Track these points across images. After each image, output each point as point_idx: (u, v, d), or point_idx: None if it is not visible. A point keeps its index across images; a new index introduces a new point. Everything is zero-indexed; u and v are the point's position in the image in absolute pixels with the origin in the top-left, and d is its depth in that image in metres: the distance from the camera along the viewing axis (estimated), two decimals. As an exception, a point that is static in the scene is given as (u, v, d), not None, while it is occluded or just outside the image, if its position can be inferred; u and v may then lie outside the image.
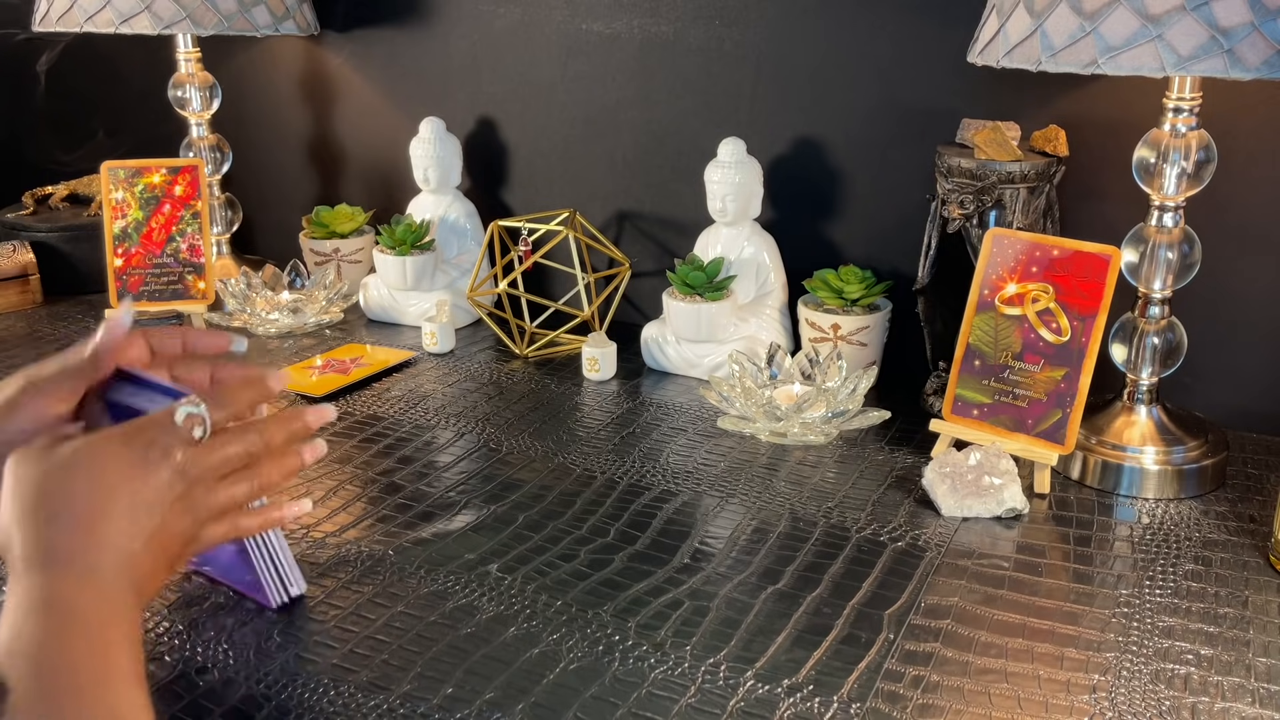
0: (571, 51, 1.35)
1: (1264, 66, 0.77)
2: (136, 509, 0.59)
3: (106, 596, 0.56)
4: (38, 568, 0.56)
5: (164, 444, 0.61)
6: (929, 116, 1.16)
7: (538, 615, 0.76)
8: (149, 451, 0.60)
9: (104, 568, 0.57)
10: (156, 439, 0.61)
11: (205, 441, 0.63)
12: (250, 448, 0.65)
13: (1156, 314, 0.96)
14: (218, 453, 0.63)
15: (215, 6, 1.32)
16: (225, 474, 0.64)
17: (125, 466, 0.59)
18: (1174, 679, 0.69)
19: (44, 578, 0.55)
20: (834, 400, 1.04)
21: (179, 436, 0.61)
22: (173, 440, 0.61)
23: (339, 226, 1.48)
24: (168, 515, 0.60)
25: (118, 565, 0.58)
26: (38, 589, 0.55)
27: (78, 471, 0.58)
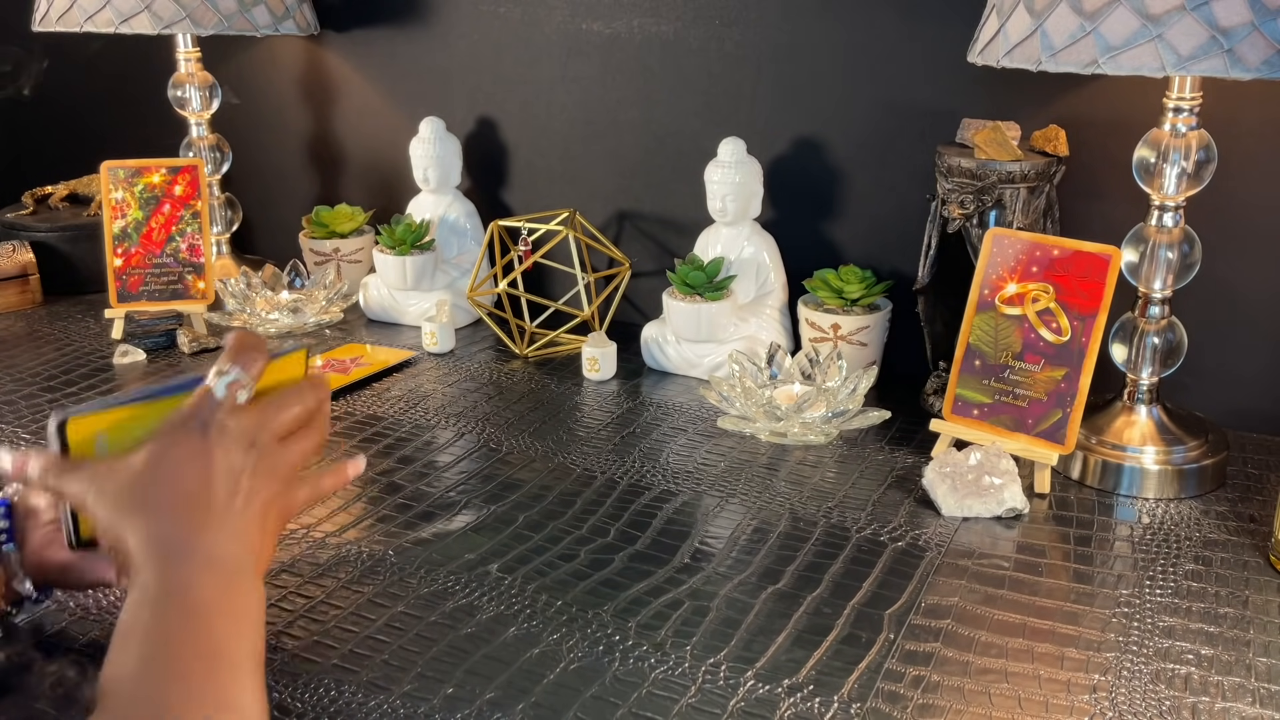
0: (571, 51, 1.35)
1: (1264, 66, 0.77)
2: (225, 487, 0.60)
3: (226, 578, 0.57)
4: (154, 558, 0.57)
5: (217, 420, 0.61)
6: (929, 116, 1.15)
7: (538, 615, 0.76)
8: (206, 432, 0.61)
9: (219, 549, 0.58)
10: (207, 418, 0.61)
11: (259, 408, 0.63)
12: (305, 404, 0.65)
13: (1156, 314, 0.95)
14: (275, 416, 0.63)
15: (215, 6, 1.32)
16: (286, 435, 0.64)
17: (195, 453, 0.60)
18: (1174, 679, 0.69)
19: (162, 567, 0.56)
20: (834, 400, 1.04)
21: (226, 408, 0.62)
22: (223, 414, 0.61)
23: (339, 226, 1.47)
24: (254, 484, 0.61)
25: (230, 543, 0.59)
26: (156, 580, 0.56)
27: (156, 468, 0.59)
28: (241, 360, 0.63)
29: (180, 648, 0.53)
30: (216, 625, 0.55)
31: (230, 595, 0.57)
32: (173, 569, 0.56)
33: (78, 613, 0.76)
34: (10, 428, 1.06)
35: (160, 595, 0.55)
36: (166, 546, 0.57)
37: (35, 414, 1.09)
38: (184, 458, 0.60)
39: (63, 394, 1.15)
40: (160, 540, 0.57)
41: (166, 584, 0.56)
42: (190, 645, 0.54)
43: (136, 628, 0.54)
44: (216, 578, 0.57)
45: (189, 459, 0.60)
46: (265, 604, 0.60)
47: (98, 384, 1.18)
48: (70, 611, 0.76)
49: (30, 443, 1.03)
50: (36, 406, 1.11)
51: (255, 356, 0.63)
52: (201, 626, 0.55)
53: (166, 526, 0.58)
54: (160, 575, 0.56)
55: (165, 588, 0.56)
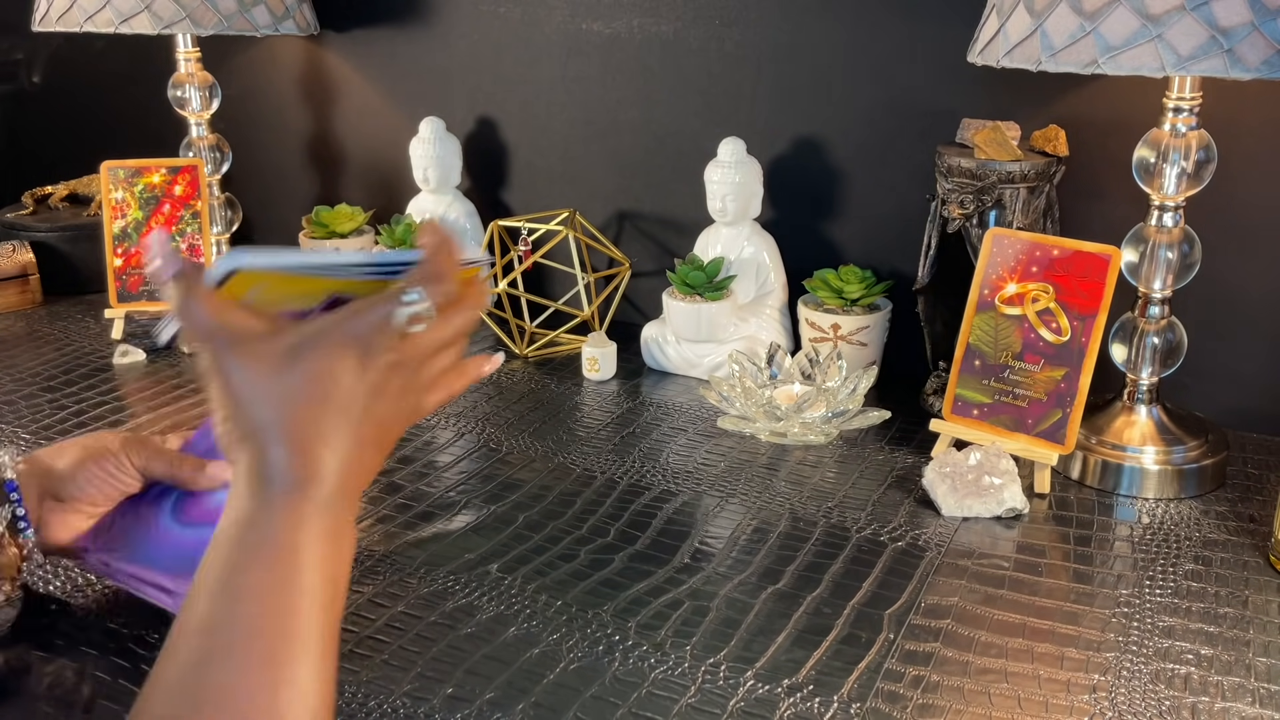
0: (571, 51, 1.35)
1: (1264, 66, 0.77)
2: (361, 418, 0.56)
3: (324, 526, 0.54)
4: (258, 492, 0.54)
5: (384, 345, 0.57)
6: (929, 116, 1.15)
7: (538, 615, 0.76)
8: (369, 356, 0.56)
9: (325, 493, 0.54)
10: (377, 341, 0.57)
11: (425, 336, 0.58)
12: (466, 327, 0.61)
13: (1156, 314, 0.95)
14: (434, 337, 0.59)
15: (215, 6, 1.32)
16: (438, 351, 0.60)
17: (349, 379, 0.56)
18: (1174, 679, 0.69)
19: (264, 505, 0.53)
20: (834, 400, 1.04)
21: (398, 334, 0.57)
22: (393, 340, 0.57)
23: (339, 226, 1.47)
24: (390, 405, 0.57)
25: (338, 485, 0.55)
26: (255, 517, 0.53)
27: (297, 386, 0.55)
28: (434, 289, 0.58)
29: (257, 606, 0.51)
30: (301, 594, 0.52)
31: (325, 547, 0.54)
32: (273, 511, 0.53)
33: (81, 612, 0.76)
34: (10, 428, 1.06)
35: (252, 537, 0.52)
36: (277, 480, 0.54)
37: (35, 414, 1.09)
38: (333, 379, 0.55)
39: (63, 394, 1.15)
40: (272, 470, 0.54)
41: (261, 527, 0.53)
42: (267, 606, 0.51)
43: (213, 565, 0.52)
44: (317, 530, 0.54)
45: (339, 383, 0.55)
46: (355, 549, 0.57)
47: (98, 384, 1.18)
48: (71, 614, 0.76)
49: (30, 443, 1.03)
50: (36, 406, 1.11)
51: (447, 288, 0.59)
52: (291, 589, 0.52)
53: (284, 457, 0.54)
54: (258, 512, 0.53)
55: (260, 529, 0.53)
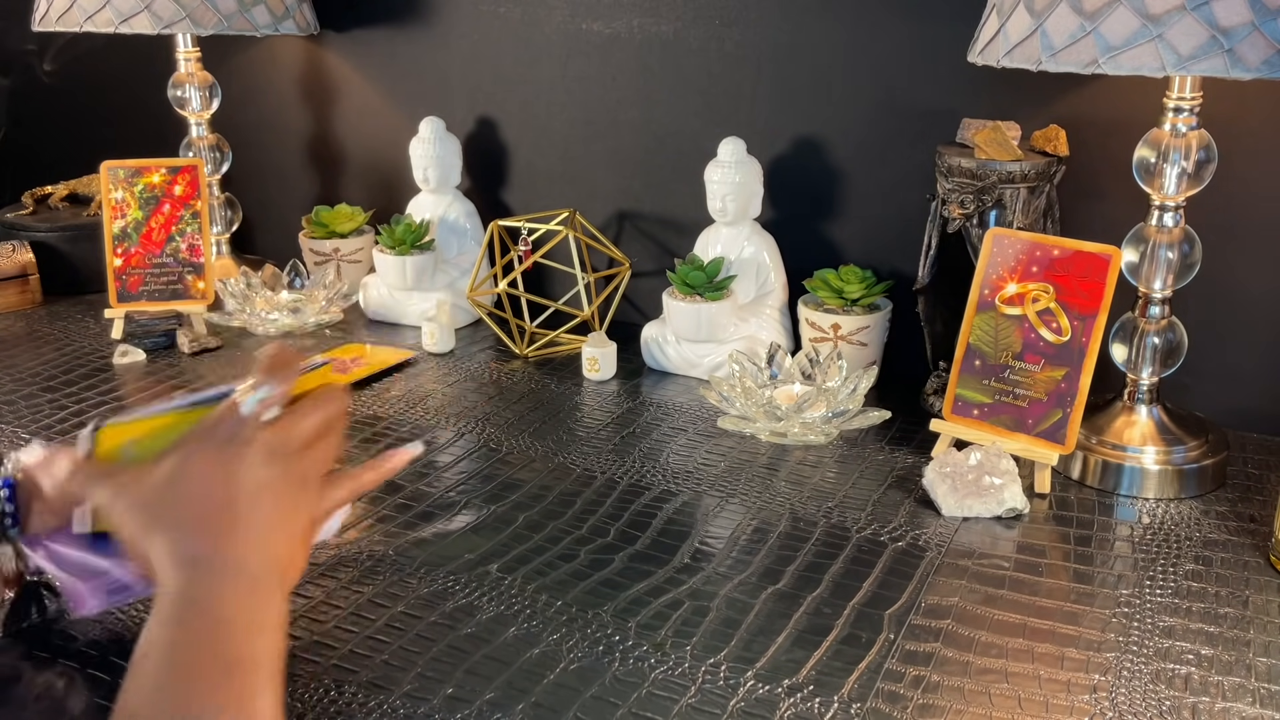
0: (571, 51, 1.35)
1: (1264, 66, 0.77)
2: (246, 497, 0.59)
3: (248, 589, 0.57)
4: (179, 570, 0.57)
5: (242, 434, 0.61)
6: (929, 116, 1.15)
7: (538, 615, 0.76)
8: (231, 445, 0.60)
9: (250, 563, 0.58)
10: (234, 432, 0.61)
11: (281, 419, 0.62)
12: (326, 412, 0.64)
13: (1157, 314, 0.95)
14: (297, 425, 0.62)
15: (215, 6, 1.32)
16: (309, 443, 0.63)
17: (219, 465, 0.60)
18: (1174, 679, 0.69)
19: (186, 579, 0.57)
20: (834, 400, 1.04)
21: (253, 423, 0.61)
22: (249, 428, 0.61)
23: (339, 226, 1.47)
24: (281, 496, 0.61)
25: (254, 554, 0.58)
26: (179, 592, 0.56)
27: (180, 480, 0.60)
28: (273, 378, 0.63)
29: (199, 659, 0.54)
30: (238, 637, 0.55)
31: (252, 605, 0.57)
32: (196, 580, 0.57)
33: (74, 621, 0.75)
34: (10, 428, 1.06)
35: (184, 605, 0.56)
36: (190, 559, 0.57)
37: (35, 414, 1.09)
38: (208, 470, 0.60)
39: (63, 394, 1.15)
40: (184, 553, 0.58)
41: (189, 595, 0.56)
42: (210, 657, 0.54)
43: (157, 641, 0.55)
44: (237, 588, 0.57)
45: (213, 471, 0.60)
46: (289, 614, 0.61)
47: (98, 384, 1.18)
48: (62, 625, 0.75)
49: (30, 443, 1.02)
50: (36, 406, 1.11)
51: (286, 374, 0.63)
52: (223, 635, 0.55)
53: (190, 539, 0.58)
54: (184, 587, 0.56)
55: (188, 598, 0.56)
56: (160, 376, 1.20)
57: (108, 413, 1.10)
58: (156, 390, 1.16)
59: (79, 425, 1.07)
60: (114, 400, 1.14)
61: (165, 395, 0.69)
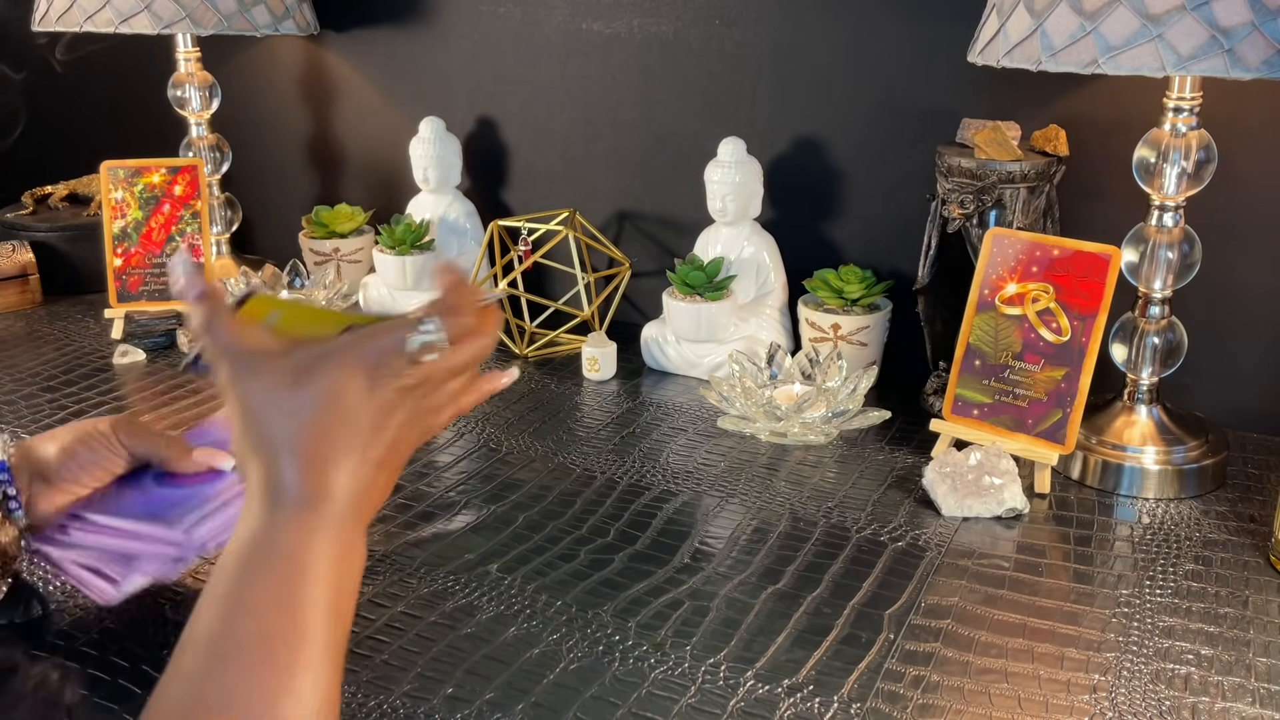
0: (571, 51, 1.35)
1: (1264, 66, 0.77)
2: (370, 438, 0.57)
3: (333, 541, 0.55)
4: (268, 508, 0.55)
5: (395, 369, 0.58)
6: (929, 116, 1.15)
7: (538, 615, 0.76)
8: (379, 379, 0.57)
9: (335, 510, 0.56)
10: (387, 365, 0.58)
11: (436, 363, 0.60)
12: (479, 355, 0.62)
13: (1156, 314, 0.95)
14: (446, 365, 0.60)
15: (215, 6, 1.32)
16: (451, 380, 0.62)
17: (358, 399, 0.57)
18: (1174, 679, 0.69)
19: (274, 519, 0.55)
20: (834, 400, 1.04)
21: (410, 360, 0.58)
22: (403, 365, 0.58)
23: (339, 226, 1.47)
24: (400, 427, 0.59)
25: (348, 502, 0.56)
26: (265, 530, 0.54)
27: (308, 403, 0.56)
28: (449, 321, 0.59)
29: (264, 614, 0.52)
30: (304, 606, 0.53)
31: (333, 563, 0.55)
32: (283, 524, 0.54)
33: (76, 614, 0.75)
34: (10, 428, 1.06)
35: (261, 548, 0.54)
36: (287, 495, 0.55)
37: (35, 414, 1.09)
38: (342, 397, 0.56)
39: (63, 394, 1.15)
40: (281, 486, 0.55)
41: (272, 538, 0.54)
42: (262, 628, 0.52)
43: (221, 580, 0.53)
44: (326, 546, 0.55)
45: (347, 402, 0.56)
46: (365, 565, 0.58)
47: (98, 384, 1.18)
48: (69, 612, 0.76)
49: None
50: (36, 406, 1.11)
51: (462, 322, 0.60)
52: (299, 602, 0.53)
53: (294, 472, 0.55)
54: (269, 526, 0.54)
55: (268, 541, 0.54)
56: (160, 376, 1.20)
57: (107, 413, 1.10)
58: (157, 390, 1.16)
59: (79, 425, 1.07)
60: (114, 400, 1.14)
61: None
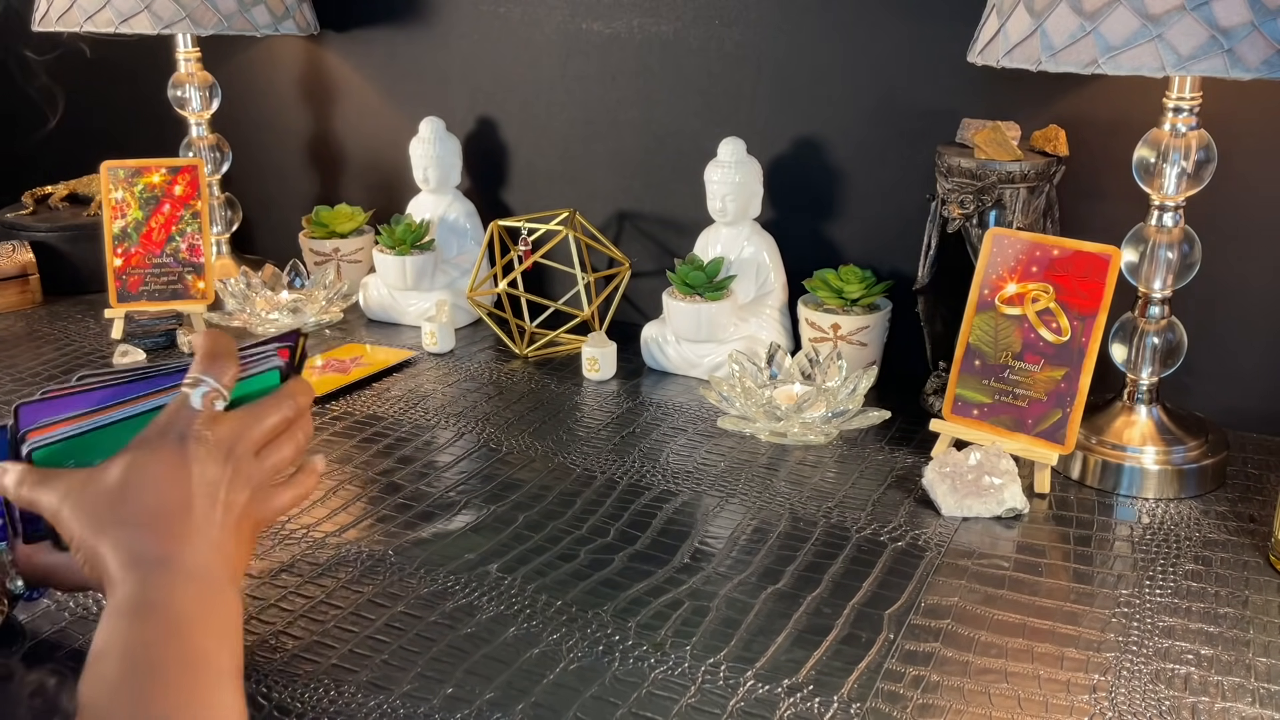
0: (571, 51, 1.35)
1: (1264, 66, 0.77)
2: (204, 500, 0.59)
3: (206, 590, 0.57)
4: (133, 572, 0.56)
5: (194, 431, 0.61)
6: (929, 116, 1.15)
7: (538, 615, 0.76)
8: (184, 443, 0.60)
9: (198, 561, 0.58)
10: (185, 428, 0.61)
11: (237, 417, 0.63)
12: (284, 413, 0.65)
13: (1156, 314, 0.95)
14: (253, 425, 0.63)
15: (215, 6, 1.32)
16: (265, 443, 0.64)
17: (172, 466, 0.59)
18: (1174, 679, 0.69)
19: (141, 580, 0.56)
20: (834, 400, 1.04)
21: (204, 417, 0.61)
22: (200, 422, 0.61)
23: (339, 226, 1.47)
24: (231, 495, 0.61)
25: (209, 555, 0.58)
26: (135, 593, 0.56)
27: (133, 481, 0.59)
28: (214, 368, 0.63)
29: (161, 658, 0.53)
30: (197, 636, 0.55)
31: (210, 606, 0.57)
32: (152, 581, 0.56)
33: (79, 612, 0.76)
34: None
35: (139, 608, 0.55)
36: (145, 560, 0.57)
37: (35, 414, 1.09)
38: (161, 471, 0.59)
39: (63, 394, 1.15)
40: (138, 554, 0.57)
41: (145, 596, 0.55)
42: (171, 656, 0.53)
43: (114, 641, 0.54)
44: (196, 589, 0.57)
45: (166, 472, 0.59)
46: (243, 614, 0.60)
47: (98, 384, 1.18)
48: (71, 611, 0.76)
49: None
50: (36, 406, 1.11)
51: (226, 363, 0.63)
52: (182, 636, 0.54)
53: (145, 540, 0.57)
54: (139, 588, 0.56)
55: (144, 600, 0.55)
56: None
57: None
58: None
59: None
60: (114, 400, 1.14)
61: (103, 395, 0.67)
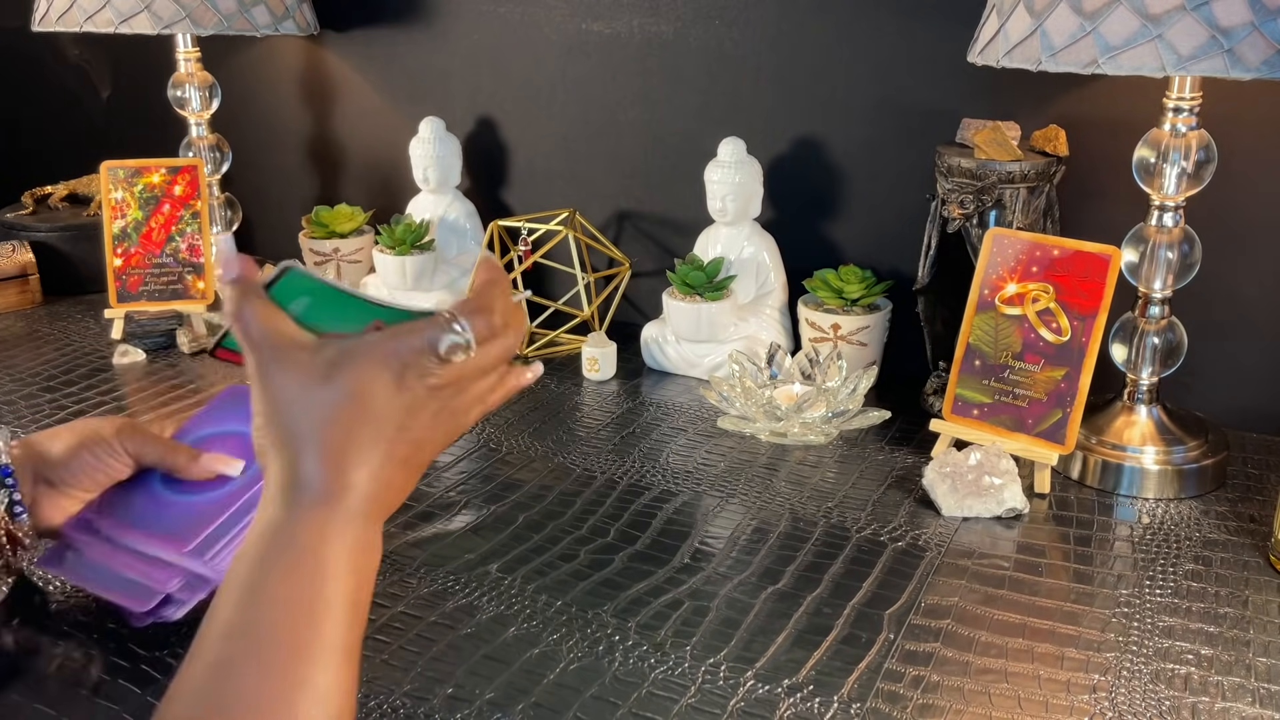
0: (571, 51, 1.35)
1: (1264, 66, 0.77)
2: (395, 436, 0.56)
3: (351, 538, 0.55)
4: (288, 502, 0.54)
5: (423, 368, 0.57)
6: (929, 116, 1.15)
7: (538, 615, 0.76)
8: (407, 378, 0.56)
9: (354, 507, 0.55)
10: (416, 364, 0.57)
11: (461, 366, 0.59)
12: (506, 355, 0.61)
13: (1156, 314, 0.95)
14: (474, 364, 0.59)
15: (215, 6, 1.32)
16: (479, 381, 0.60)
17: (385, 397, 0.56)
18: (1174, 679, 0.69)
19: (293, 514, 0.54)
20: (834, 400, 1.04)
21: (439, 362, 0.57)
22: (432, 365, 0.57)
23: (339, 226, 1.47)
24: (426, 427, 0.58)
25: (368, 500, 0.56)
26: (284, 525, 0.54)
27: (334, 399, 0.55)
28: (478, 322, 0.58)
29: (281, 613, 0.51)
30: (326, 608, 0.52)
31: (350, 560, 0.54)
32: (302, 519, 0.54)
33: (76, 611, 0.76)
34: (10, 428, 1.06)
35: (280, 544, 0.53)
36: (307, 489, 0.54)
37: (35, 414, 1.09)
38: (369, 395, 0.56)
39: (62, 394, 1.15)
40: (303, 480, 0.54)
41: (290, 535, 0.53)
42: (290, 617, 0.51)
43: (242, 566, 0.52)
44: (344, 542, 0.54)
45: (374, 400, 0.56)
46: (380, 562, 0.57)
47: (98, 384, 1.18)
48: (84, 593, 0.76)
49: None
50: (36, 406, 1.11)
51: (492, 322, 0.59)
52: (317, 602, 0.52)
53: (316, 467, 0.55)
54: (287, 521, 0.54)
55: (289, 537, 0.53)
56: (160, 376, 1.20)
57: (107, 413, 1.10)
58: (156, 390, 1.16)
59: (79, 425, 1.07)
60: (114, 400, 1.14)
61: None
